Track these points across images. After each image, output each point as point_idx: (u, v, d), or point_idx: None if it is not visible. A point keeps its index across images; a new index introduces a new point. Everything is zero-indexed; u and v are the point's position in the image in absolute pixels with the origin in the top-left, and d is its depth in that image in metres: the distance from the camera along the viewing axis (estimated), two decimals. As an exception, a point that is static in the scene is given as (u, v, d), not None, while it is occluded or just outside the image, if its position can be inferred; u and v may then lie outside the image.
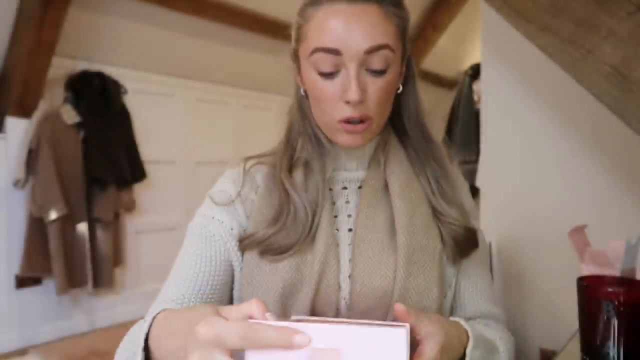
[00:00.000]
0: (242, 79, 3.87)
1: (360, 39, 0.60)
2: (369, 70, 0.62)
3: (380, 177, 0.71)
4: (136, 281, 3.34)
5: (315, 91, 0.65)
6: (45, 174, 2.66)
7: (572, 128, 1.63)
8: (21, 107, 2.67)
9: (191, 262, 0.69)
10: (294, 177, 0.70)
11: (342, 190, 0.72)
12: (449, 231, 0.69)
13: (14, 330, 2.74)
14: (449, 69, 4.68)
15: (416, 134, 0.73)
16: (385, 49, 0.61)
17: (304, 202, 0.67)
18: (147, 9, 2.85)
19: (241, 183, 0.73)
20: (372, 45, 0.60)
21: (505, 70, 1.77)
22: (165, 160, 3.50)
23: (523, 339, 1.73)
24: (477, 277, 0.75)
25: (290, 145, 0.73)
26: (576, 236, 0.98)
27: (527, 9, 0.92)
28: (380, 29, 0.61)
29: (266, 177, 0.72)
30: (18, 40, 2.47)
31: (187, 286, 0.66)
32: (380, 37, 0.61)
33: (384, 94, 0.64)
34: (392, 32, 0.63)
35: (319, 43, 0.61)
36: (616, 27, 0.80)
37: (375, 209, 0.68)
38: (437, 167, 0.72)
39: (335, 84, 0.62)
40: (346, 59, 0.61)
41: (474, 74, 2.76)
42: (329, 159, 0.71)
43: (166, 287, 0.69)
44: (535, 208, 1.69)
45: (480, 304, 0.74)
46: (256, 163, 0.75)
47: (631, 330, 0.73)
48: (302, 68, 0.67)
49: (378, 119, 0.66)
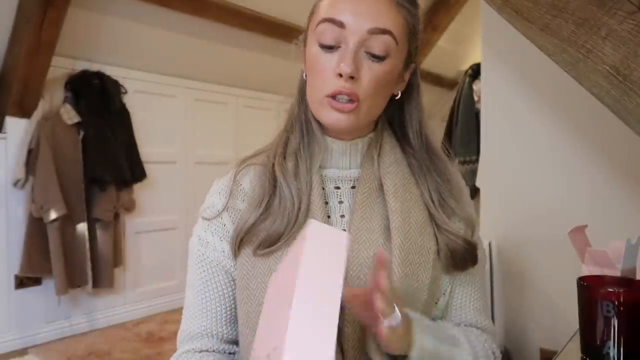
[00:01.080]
0: (242, 79, 3.88)
1: (366, 17, 0.62)
2: (368, 53, 0.63)
3: (374, 176, 0.70)
4: (136, 281, 3.34)
5: (313, 65, 0.65)
6: (45, 174, 2.66)
7: (572, 128, 1.63)
8: (21, 107, 2.67)
9: (200, 291, 0.71)
10: (286, 165, 0.70)
11: (335, 190, 0.71)
12: (447, 242, 0.68)
13: (14, 330, 2.74)
14: (449, 69, 4.68)
15: (418, 144, 0.73)
16: (388, 35, 0.63)
17: (292, 188, 0.67)
18: (147, 9, 2.85)
19: (227, 193, 0.72)
20: (377, 26, 0.62)
21: (505, 70, 1.77)
22: (165, 160, 3.50)
23: (523, 339, 1.73)
24: (470, 285, 0.73)
25: (286, 132, 0.73)
26: (576, 236, 0.98)
27: (527, 9, 0.92)
28: (387, 16, 0.63)
29: (256, 175, 0.72)
30: (18, 40, 2.47)
31: (206, 316, 0.70)
32: (386, 23, 0.62)
33: (377, 81, 0.64)
34: (399, 24, 0.64)
35: (327, 14, 0.64)
36: (616, 27, 0.80)
37: (370, 210, 0.68)
38: (438, 179, 0.72)
39: (333, 57, 0.63)
40: (348, 34, 0.62)
41: (474, 74, 2.76)
42: (319, 150, 0.70)
43: (188, 320, 0.72)
44: (535, 208, 1.69)
45: (469, 313, 0.72)
46: (246, 166, 0.74)
47: (631, 330, 0.73)
48: (307, 44, 0.68)
49: (367, 105, 0.65)
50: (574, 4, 0.83)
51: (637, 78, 0.84)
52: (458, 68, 4.60)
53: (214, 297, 0.70)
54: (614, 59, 0.84)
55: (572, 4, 0.83)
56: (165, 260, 3.52)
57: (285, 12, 3.22)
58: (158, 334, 3.05)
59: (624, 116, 1.10)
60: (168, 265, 3.54)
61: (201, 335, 0.69)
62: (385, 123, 0.74)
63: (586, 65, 0.92)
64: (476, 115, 2.58)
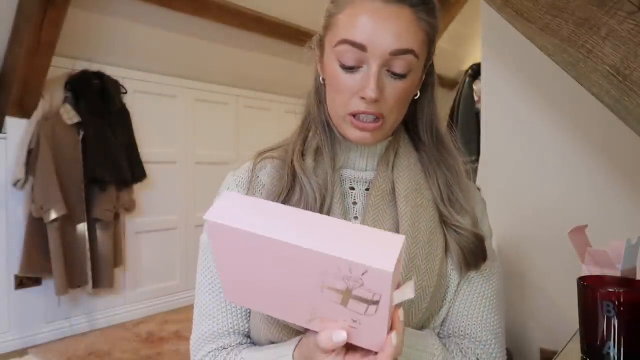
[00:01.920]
0: (242, 79, 3.88)
1: (388, 39, 0.60)
2: (389, 72, 0.62)
3: (388, 179, 0.70)
4: (136, 281, 3.34)
5: (334, 82, 0.65)
6: (45, 174, 2.66)
7: (572, 128, 1.63)
8: (21, 107, 2.67)
9: (216, 289, 0.70)
10: (305, 162, 0.69)
11: (350, 191, 0.71)
12: (455, 238, 0.67)
13: (14, 330, 2.74)
14: (449, 69, 4.68)
15: (429, 139, 0.73)
16: (410, 54, 0.62)
17: (313, 185, 0.67)
18: (147, 9, 2.85)
19: (245, 186, 0.72)
20: (399, 48, 0.61)
21: (505, 70, 1.77)
22: (165, 160, 3.50)
23: (523, 339, 1.73)
24: (472, 293, 0.69)
25: (304, 130, 0.73)
26: (576, 236, 0.98)
27: (527, 9, 0.92)
28: (409, 34, 0.61)
29: (273, 169, 0.72)
30: (18, 40, 2.47)
31: (229, 314, 0.69)
32: (408, 42, 0.61)
33: (400, 97, 0.64)
34: (420, 38, 0.63)
35: (348, 35, 0.62)
36: (616, 27, 0.80)
37: (381, 213, 0.68)
38: (449, 174, 0.71)
39: (355, 78, 0.63)
40: (370, 57, 0.61)
41: (474, 74, 2.76)
42: (340, 150, 0.71)
43: (205, 321, 0.70)
44: (535, 208, 1.69)
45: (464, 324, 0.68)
46: (263, 159, 0.74)
47: (631, 330, 0.73)
48: (325, 56, 0.67)
49: (391, 120, 0.65)
50: (574, 4, 0.83)
51: (637, 78, 0.84)
52: (458, 68, 4.60)
53: None
54: (614, 59, 0.84)
55: (572, 4, 0.83)
56: (165, 260, 3.52)
57: (285, 12, 3.21)
58: (158, 334, 3.05)
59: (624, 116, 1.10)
60: (168, 265, 3.54)
61: (226, 333, 0.68)
62: (402, 125, 0.74)
63: (586, 65, 0.91)
64: (476, 115, 2.58)
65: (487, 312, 0.70)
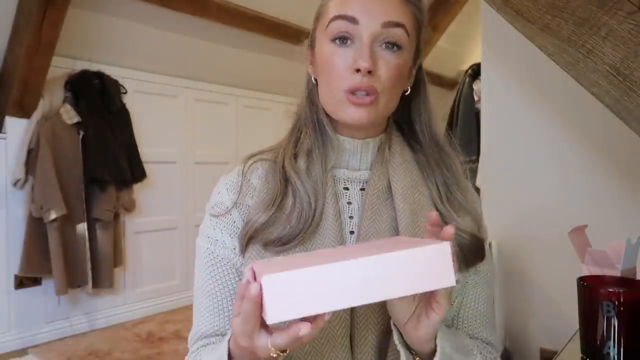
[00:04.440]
0: (242, 79, 3.88)
1: (378, 12, 0.63)
2: (382, 45, 0.63)
3: (383, 177, 0.70)
4: (136, 281, 3.34)
5: (328, 64, 0.65)
6: (45, 174, 2.65)
7: (572, 128, 1.63)
8: (21, 107, 2.67)
9: (211, 291, 0.70)
10: (297, 164, 0.69)
11: (344, 191, 0.71)
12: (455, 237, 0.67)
13: (14, 330, 2.74)
14: (449, 69, 4.68)
15: (426, 139, 0.72)
16: (401, 28, 0.63)
17: (307, 189, 0.66)
18: (148, 9, 2.85)
19: (236, 190, 0.71)
20: (390, 20, 0.63)
21: (505, 70, 1.77)
22: (165, 160, 3.50)
23: (523, 339, 1.73)
24: (478, 298, 0.71)
25: (296, 132, 0.73)
26: (576, 236, 0.98)
27: (527, 9, 0.92)
28: (398, 10, 0.64)
29: (264, 172, 0.71)
30: (18, 40, 2.47)
31: (218, 316, 0.69)
32: (398, 16, 0.64)
33: (392, 75, 0.64)
34: (409, 19, 0.65)
35: (339, 11, 0.64)
36: (616, 27, 0.80)
37: (378, 212, 0.68)
38: (447, 173, 0.71)
39: (348, 53, 0.63)
40: (362, 30, 0.62)
41: (474, 74, 2.76)
42: (332, 150, 0.70)
43: (199, 321, 0.71)
44: (535, 208, 1.69)
45: (475, 327, 0.70)
46: (254, 162, 0.73)
47: (631, 330, 0.73)
48: (318, 46, 0.68)
49: (384, 99, 0.65)
50: (574, 4, 0.83)
51: (637, 78, 0.84)
52: (458, 68, 4.60)
53: (224, 295, 0.69)
54: (614, 59, 0.84)
55: (572, 4, 0.83)
56: (165, 260, 3.52)
57: (285, 12, 3.22)
58: (158, 334, 3.05)
59: (624, 116, 1.10)
60: (168, 265, 3.54)
61: (214, 334, 0.69)
62: (393, 124, 0.74)
63: (586, 65, 0.91)
64: (476, 115, 2.58)
65: (491, 315, 0.73)
